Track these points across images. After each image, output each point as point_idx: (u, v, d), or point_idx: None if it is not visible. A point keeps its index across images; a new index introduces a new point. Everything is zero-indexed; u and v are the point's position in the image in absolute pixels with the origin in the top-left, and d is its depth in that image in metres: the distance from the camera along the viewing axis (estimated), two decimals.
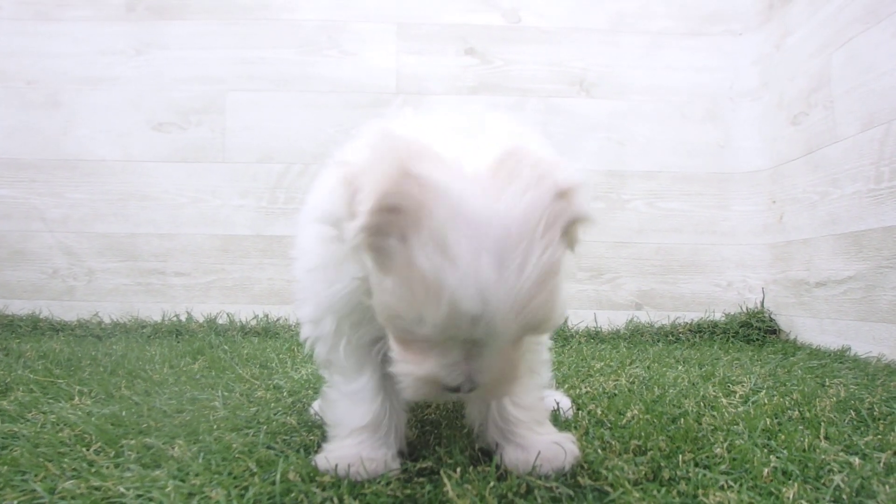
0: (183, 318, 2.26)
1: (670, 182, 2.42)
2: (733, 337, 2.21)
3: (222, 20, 2.42)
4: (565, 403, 1.02)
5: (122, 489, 0.62)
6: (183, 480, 0.66)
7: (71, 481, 0.64)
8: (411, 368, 0.63)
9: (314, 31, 2.43)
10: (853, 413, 1.07)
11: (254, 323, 2.25)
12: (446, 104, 2.41)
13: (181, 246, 2.37)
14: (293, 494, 0.63)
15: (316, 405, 0.96)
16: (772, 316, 2.28)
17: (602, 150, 2.42)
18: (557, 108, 2.43)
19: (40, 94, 2.40)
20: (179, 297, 2.35)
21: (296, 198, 2.36)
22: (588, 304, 2.38)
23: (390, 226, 0.57)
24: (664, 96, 2.43)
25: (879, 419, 1.04)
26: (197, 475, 0.67)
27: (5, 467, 0.69)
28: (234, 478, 0.67)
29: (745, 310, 2.33)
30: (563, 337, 2.19)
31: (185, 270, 2.36)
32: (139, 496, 0.62)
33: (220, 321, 2.26)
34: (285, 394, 1.15)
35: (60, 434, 0.83)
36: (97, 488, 0.63)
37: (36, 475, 0.67)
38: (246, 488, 0.64)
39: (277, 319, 2.29)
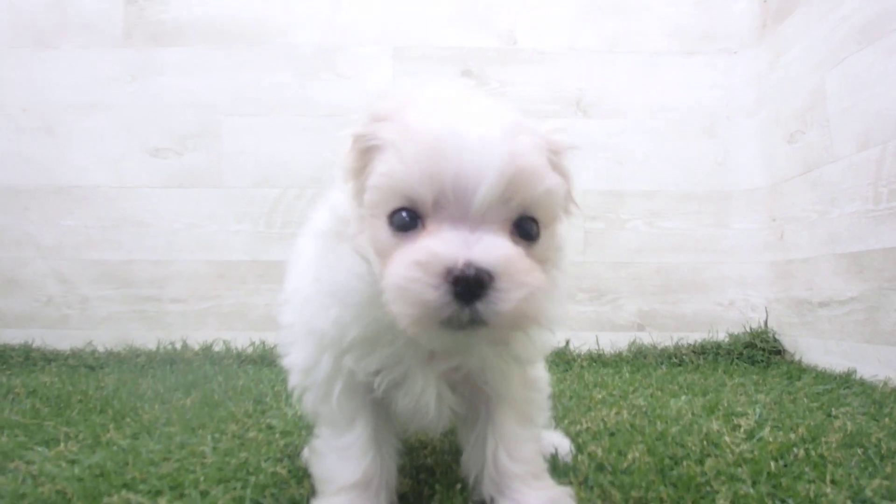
0: (178, 346, 2.24)
1: (669, 201, 2.40)
2: (738, 358, 2.18)
3: (218, 46, 2.42)
4: (563, 448, 0.99)
5: None
6: None
7: None
8: (401, 259, 0.58)
9: (310, 56, 2.43)
10: (860, 451, 1.04)
11: (250, 350, 2.22)
12: None
13: (177, 272, 2.35)
14: None
15: (306, 451, 0.93)
16: (776, 336, 2.26)
17: (600, 169, 2.41)
18: (555, 129, 2.41)
19: (34, 121, 2.40)
20: (175, 324, 2.32)
21: (292, 222, 2.35)
22: (589, 326, 2.36)
23: (380, 128, 0.63)
24: (661, 115, 2.43)
25: (887, 457, 1.01)
26: None
27: None
28: None
29: (748, 329, 2.30)
30: (566, 361, 2.16)
31: (181, 297, 2.34)
32: None
33: (215, 349, 2.23)
34: (277, 436, 1.12)
35: (41, 489, 0.80)
36: None
37: None
38: None
39: (274, 346, 2.27)
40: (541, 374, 0.83)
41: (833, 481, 0.90)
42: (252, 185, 2.38)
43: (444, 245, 0.56)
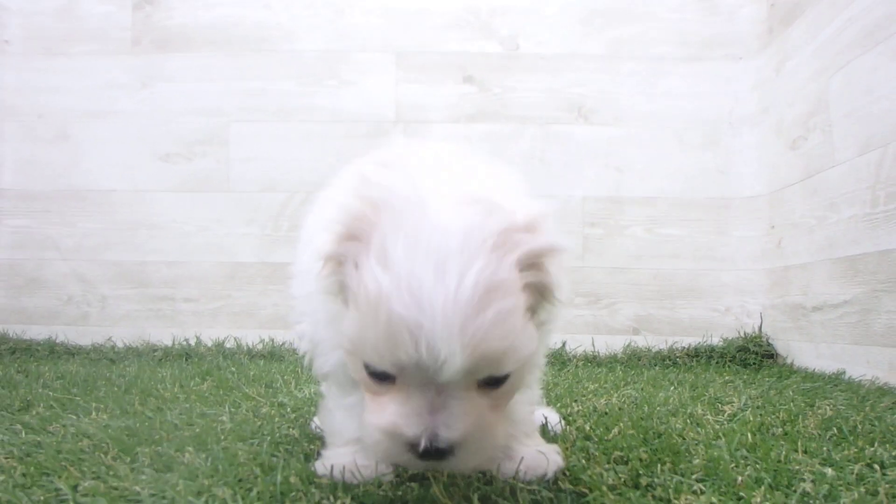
0: (192, 342, 2.33)
1: (669, 208, 2.45)
2: (730, 361, 2.23)
3: (224, 53, 2.51)
4: (553, 419, 1.07)
5: (137, 489, 0.68)
6: (192, 481, 0.72)
7: (91, 482, 0.70)
8: (373, 419, 0.62)
9: (314, 62, 2.51)
10: (836, 430, 1.10)
11: (260, 347, 2.31)
12: (445, 132, 2.47)
13: (189, 273, 2.45)
14: (293, 494, 0.69)
15: (316, 420, 1.01)
16: (769, 340, 2.31)
17: (600, 176, 2.46)
18: (556, 135, 2.48)
19: (49, 128, 2.50)
20: (188, 322, 2.42)
21: (298, 225, 2.42)
22: (585, 330, 2.42)
23: (349, 255, 0.61)
24: (663, 122, 2.45)
25: (861, 436, 1.07)
26: (206, 478, 0.73)
27: (32, 469, 0.75)
28: (240, 480, 0.73)
29: (742, 335, 2.36)
30: (561, 361, 2.23)
31: (194, 297, 2.44)
32: (153, 495, 0.68)
33: (227, 345, 2.32)
34: (289, 410, 1.21)
35: (80, 443, 0.89)
36: (115, 488, 0.69)
37: (59, 476, 0.73)
38: (250, 489, 0.70)
39: (282, 343, 2.35)
40: (535, 344, 0.89)
41: (805, 451, 0.96)
42: (259, 190, 2.48)
43: (408, 422, 0.59)
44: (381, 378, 0.61)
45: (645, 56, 2.48)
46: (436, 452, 0.59)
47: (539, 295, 0.63)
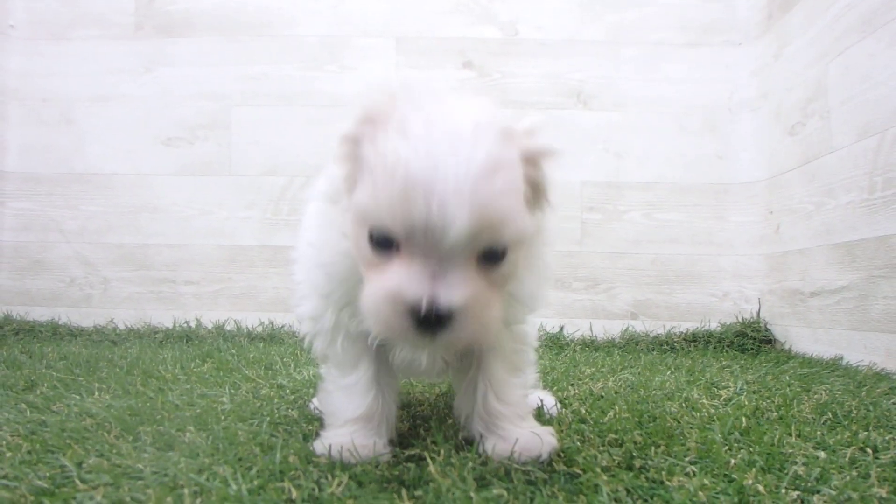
0: (193, 324, 2.35)
1: (668, 193, 2.46)
2: (728, 346, 2.25)
3: (226, 37, 2.51)
4: (549, 402, 1.08)
5: (140, 466, 0.70)
6: (194, 460, 0.73)
7: (95, 459, 0.72)
8: (375, 286, 0.64)
9: (315, 47, 2.51)
10: (830, 415, 1.11)
11: (260, 329, 2.33)
12: None
13: (190, 256, 2.46)
14: (292, 473, 0.70)
15: (315, 401, 1.03)
16: (767, 326, 2.32)
17: (600, 161, 2.47)
18: (555, 121, 2.47)
19: (54, 112, 2.52)
20: (189, 304, 2.43)
21: (298, 209, 2.45)
22: (584, 314, 2.44)
23: (366, 135, 0.67)
24: (662, 108, 2.46)
25: (856, 421, 1.07)
26: (206, 456, 0.74)
27: (38, 446, 0.77)
28: (240, 459, 0.74)
29: (740, 320, 2.37)
30: (559, 345, 2.24)
31: (195, 279, 2.45)
32: (155, 472, 0.69)
33: (227, 328, 2.34)
34: (288, 392, 1.22)
35: (84, 422, 0.91)
36: (118, 465, 0.70)
37: (64, 454, 0.74)
38: (250, 467, 0.71)
39: (282, 326, 2.37)
40: (528, 329, 0.90)
41: (799, 435, 0.97)
42: (260, 174, 2.48)
43: (411, 285, 0.62)
44: (386, 247, 0.64)
45: (644, 42, 2.48)
46: (435, 318, 0.61)
47: (533, 192, 0.70)
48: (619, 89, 2.48)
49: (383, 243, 0.64)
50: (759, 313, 2.37)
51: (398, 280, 0.62)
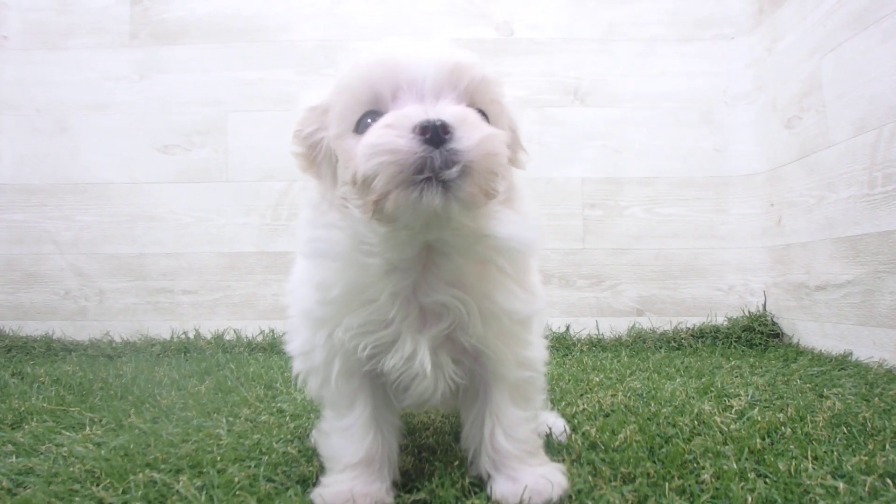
0: (191, 335, 2.31)
1: (668, 187, 2.43)
2: (736, 342, 2.22)
3: (222, 43, 2.48)
4: (558, 428, 1.05)
5: None
6: None
7: None
8: (373, 131, 0.65)
9: (311, 51, 2.48)
10: (845, 430, 1.08)
11: (260, 339, 2.29)
12: None
13: (188, 264, 2.42)
14: None
15: (314, 433, 0.99)
16: (774, 319, 2.29)
17: (598, 157, 2.44)
18: (553, 118, 2.45)
19: (48, 121, 2.47)
20: (187, 314, 2.40)
21: (298, 214, 2.40)
22: (589, 312, 2.41)
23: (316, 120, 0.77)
24: (659, 102, 2.45)
25: (872, 435, 1.05)
26: None
27: None
28: None
29: (747, 313, 2.34)
30: (566, 346, 2.21)
31: (193, 288, 2.41)
32: None
33: (227, 337, 2.31)
34: (288, 418, 1.19)
35: (72, 469, 0.87)
36: None
37: None
38: None
39: (283, 334, 2.33)
40: (536, 354, 0.85)
41: (815, 458, 0.94)
42: (258, 179, 2.44)
43: (408, 109, 0.65)
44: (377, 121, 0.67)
45: (639, 37, 2.47)
46: (440, 126, 0.63)
47: (495, 109, 0.74)
48: (615, 85, 2.46)
49: (373, 119, 0.67)
50: (765, 306, 2.34)
51: (396, 113, 0.66)
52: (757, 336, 2.22)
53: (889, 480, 0.83)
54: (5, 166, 2.46)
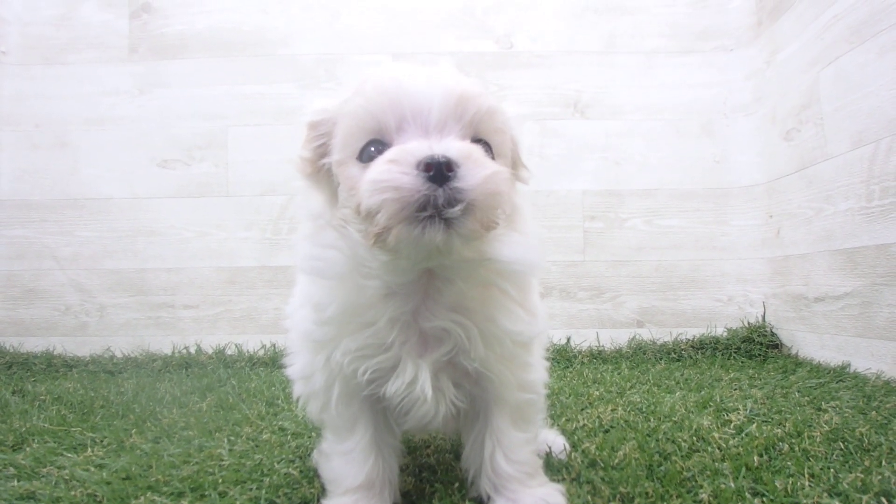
0: (192, 350, 2.32)
1: (668, 199, 2.44)
2: (735, 353, 2.22)
3: (221, 57, 2.49)
4: (557, 446, 1.05)
5: None
6: None
7: None
8: (377, 166, 0.65)
9: (311, 65, 2.49)
10: (842, 445, 1.09)
11: (261, 353, 2.30)
12: None
13: (189, 279, 2.43)
14: None
15: (316, 453, 1.00)
16: (773, 330, 2.30)
17: (599, 169, 2.45)
18: (553, 131, 2.47)
19: (48, 136, 2.48)
20: (189, 329, 2.40)
21: (298, 228, 2.41)
22: (590, 324, 2.41)
23: (328, 118, 0.77)
24: (659, 114, 2.46)
25: (868, 451, 1.06)
26: None
27: None
28: None
29: (746, 324, 2.34)
30: (566, 358, 2.22)
31: (194, 303, 2.42)
32: None
33: (228, 352, 2.31)
34: (289, 437, 1.19)
35: (73, 493, 0.87)
36: None
37: None
38: None
39: (283, 349, 2.34)
40: (537, 376, 0.85)
41: (812, 475, 0.95)
42: (258, 194, 2.45)
43: (413, 145, 0.65)
44: (377, 157, 0.67)
45: (639, 50, 2.49)
46: (444, 164, 0.63)
47: (500, 137, 0.74)
48: (616, 97, 2.47)
49: (374, 155, 0.67)
50: (764, 317, 2.35)
51: (400, 148, 0.66)
52: (756, 347, 2.23)
53: (884, 499, 0.83)
54: (5, 181, 2.47)
